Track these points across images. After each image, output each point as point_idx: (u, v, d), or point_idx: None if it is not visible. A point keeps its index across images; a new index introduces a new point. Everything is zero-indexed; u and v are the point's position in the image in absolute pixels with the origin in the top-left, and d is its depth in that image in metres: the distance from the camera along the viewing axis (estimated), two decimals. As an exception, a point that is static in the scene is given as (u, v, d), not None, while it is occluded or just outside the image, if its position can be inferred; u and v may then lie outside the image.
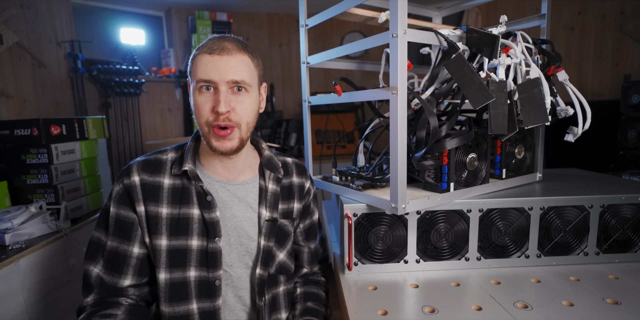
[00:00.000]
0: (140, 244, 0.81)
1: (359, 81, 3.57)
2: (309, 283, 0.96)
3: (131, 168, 0.82)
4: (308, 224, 0.97)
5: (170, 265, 0.79)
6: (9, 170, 1.40)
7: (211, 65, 0.77)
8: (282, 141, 3.14)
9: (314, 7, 1.22)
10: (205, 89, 0.78)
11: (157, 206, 0.80)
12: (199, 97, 0.78)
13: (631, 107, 2.07)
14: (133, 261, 0.80)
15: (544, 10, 1.03)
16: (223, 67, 0.77)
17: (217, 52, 0.77)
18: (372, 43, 0.82)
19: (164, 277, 0.79)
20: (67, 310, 1.28)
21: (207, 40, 0.81)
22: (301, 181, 0.95)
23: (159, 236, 0.79)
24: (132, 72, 2.86)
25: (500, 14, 0.93)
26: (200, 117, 0.79)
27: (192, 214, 0.81)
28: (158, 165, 0.83)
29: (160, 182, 0.81)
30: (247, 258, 0.85)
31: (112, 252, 0.80)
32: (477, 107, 0.79)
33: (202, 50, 0.79)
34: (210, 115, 0.78)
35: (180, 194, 0.81)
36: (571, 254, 0.91)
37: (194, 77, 0.78)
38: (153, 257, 0.81)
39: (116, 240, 0.81)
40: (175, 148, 0.88)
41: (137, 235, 0.80)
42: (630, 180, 1.08)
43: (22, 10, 2.32)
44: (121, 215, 0.80)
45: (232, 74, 0.77)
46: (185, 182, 0.82)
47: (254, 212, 0.86)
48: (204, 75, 0.77)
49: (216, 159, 0.85)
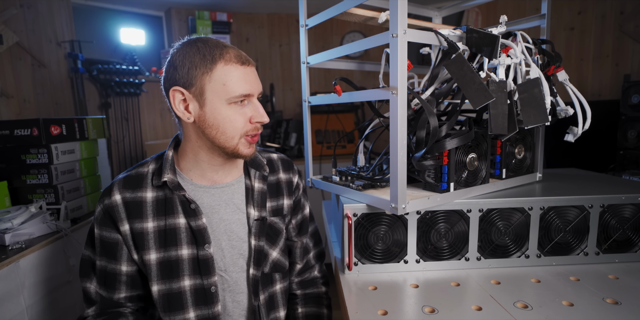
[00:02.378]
0: (127, 261, 0.81)
1: (359, 81, 3.57)
2: (309, 302, 0.96)
3: (112, 187, 0.80)
4: (300, 218, 0.97)
5: (162, 277, 0.79)
6: (9, 170, 1.40)
7: (249, 78, 0.75)
8: (282, 141, 3.14)
9: (314, 7, 1.22)
10: (240, 102, 0.75)
11: (142, 222, 0.79)
12: (232, 110, 0.75)
13: (631, 107, 2.07)
14: (124, 278, 0.81)
15: (544, 10, 1.03)
16: (255, 79, 0.77)
17: (247, 63, 0.76)
18: (372, 43, 0.82)
19: (157, 289, 0.79)
20: (67, 310, 1.28)
21: (219, 48, 0.74)
22: (288, 177, 0.94)
23: (148, 251, 0.79)
24: (132, 72, 2.85)
25: (500, 14, 0.93)
26: (234, 130, 0.76)
27: (179, 223, 0.80)
28: (139, 179, 0.82)
29: (143, 198, 0.80)
30: (241, 261, 0.84)
31: (102, 270, 0.81)
32: (477, 107, 0.79)
33: (227, 60, 0.73)
34: (248, 125, 0.77)
35: (164, 205, 0.80)
36: (571, 254, 0.91)
37: (225, 90, 0.73)
38: (145, 271, 0.80)
39: (104, 259, 0.81)
40: (155, 158, 0.86)
41: (124, 254, 0.80)
42: (630, 180, 1.08)
43: (22, 10, 2.32)
44: (105, 236, 0.80)
45: (260, 86, 0.79)
46: (168, 192, 0.81)
47: (242, 213, 0.85)
48: (245, 90, 0.74)
49: (207, 163, 0.82)
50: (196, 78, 0.73)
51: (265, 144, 3.06)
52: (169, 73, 0.76)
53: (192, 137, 0.80)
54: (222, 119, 0.75)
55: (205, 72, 0.72)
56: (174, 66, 0.74)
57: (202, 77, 0.73)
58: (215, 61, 0.72)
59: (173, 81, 0.75)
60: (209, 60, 0.72)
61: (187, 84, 0.74)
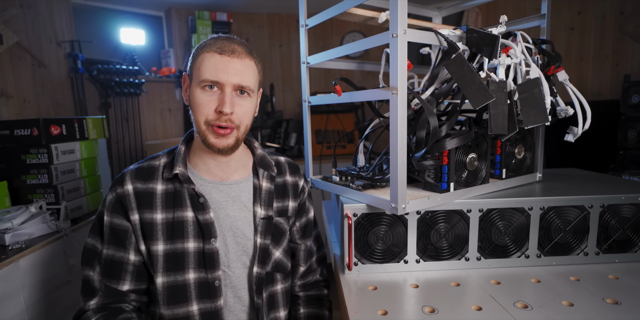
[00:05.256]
0: (135, 251, 0.81)
1: (359, 81, 3.57)
2: (311, 303, 0.96)
3: (124, 177, 0.82)
4: (304, 221, 0.98)
5: (168, 269, 0.80)
6: (9, 170, 1.40)
7: (221, 66, 0.77)
8: (282, 141, 3.14)
9: (314, 7, 1.22)
10: (209, 88, 0.78)
11: (151, 213, 0.80)
12: (201, 94, 0.78)
13: (631, 107, 2.07)
14: (130, 268, 0.81)
15: (544, 10, 1.03)
16: (232, 70, 0.78)
17: (227, 53, 0.78)
18: (372, 43, 0.82)
19: (161, 281, 0.79)
20: (67, 310, 1.28)
21: (214, 39, 0.81)
22: (295, 180, 0.96)
23: (155, 242, 0.80)
24: (132, 72, 2.85)
25: (500, 14, 0.93)
26: (200, 115, 0.79)
27: (187, 216, 0.81)
28: (151, 172, 0.84)
29: (153, 189, 0.82)
30: (244, 257, 0.85)
31: (108, 259, 0.81)
32: (477, 107, 0.79)
33: (210, 48, 0.78)
34: (213, 114, 0.78)
35: (173, 198, 0.82)
36: (571, 254, 0.91)
37: (198, 74, 0.78)
38: (149, 263, 0.81)
39: (112, 248, 0.81)
40: (167, 153, 0.88)
41: (132, 242, 0.81)
42: (630, 180, 1.08)
43: (22, 10, 2.32)
44: (115, 223, 0.81)
45: (240, 78, 0.79)
46: (178, 185, 0.83)
47: (248, 211, 0.87)
48: (212, 76, 0.77)
49: (210, 158, 0.85)
50: (191, 64, 0.82)
51: (265, 144, 3.06)
52: (187, 62, 0.85)
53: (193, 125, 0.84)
54: (194, 101, 0.80)
55: (194, 58, 0.81)
56: (190, 56, 0.84)
57: (193, 64, 0.81)
58: (203, 49, 0.80)
59: (185, 69, 0.83)
60: (199, 49, 0.81)
61: (189, 70, 0.83)
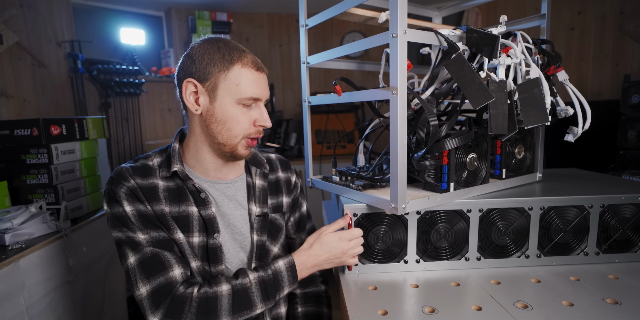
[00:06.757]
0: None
1: (359, 81, 3.57)
2: (308, 301, 0.97)
3: (124, 172, 0.78)
4: (298, 216, 1.00)
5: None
6: (9, 170, 1.40)
7: (261, 84, 0.81)
8: (282, 141, 3.14)
9: (314, 7, 1.22)
10: (248, 104, 0.80)
11: (159, 205, 0.79)
12: (238, 110, 0.79)
13: (631, 107, 2.07)
14: (175, 248, 0.77)
15: (544, 10, 1.03)
16: (266, 86, 0.82)
17: (262, 70, 0.81)
18: (372, 43, 0.82)
19: None
20: (67, 310, 1.28)
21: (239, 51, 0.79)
22: (287, 176, 0.98)
23: (174, 232, 0.78)
24: (132, 72, 2.85)
25: (500, 14, 0.93)
26: (238, 129, 0.80)
27: (192, 211, 0.81)
28: (147, 170, 0.81)
29: (155, 184, 0.80)
30: (242, 254, 0.86)
31: (155, 243, 0.75)
32: (477, 107, 0.79)
33: (245, 64, 0.78)
34: (251, 128, 0.81)
35: (176, 193, 0.81)
36: (571, 254, 0.91)
37: (238, 90, 0.78)
38: None
39: (149, 231, 0.76)
40: (158, 152, 0.86)
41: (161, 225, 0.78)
42: (630, 180, 1.08)
43: (22, 10, 2.32)
44: (141, 209, 0.77)
45: (268, 92, 0.83)
46: (178, 182, 0.82)
47: (244, 209, 0.87)
48: (255, 94, 0.79)
49: (212, 162, 0.84)
50: (212, 74, 0.77)
51: (265, 144, 3.06)
52: (186, 65, 0.79)
53: (197, 130, 0.82)
54: (230, 116, 0.79)
55: (222, 70, 0.77)
56: (192, 59, 0.78)
57: (218, 74, 0.77)
58: (233, 62, 0.78)
59: (188, 73, 0.79)
60: (228, 60, 0.77)
61: (202, 78, 0.78)
